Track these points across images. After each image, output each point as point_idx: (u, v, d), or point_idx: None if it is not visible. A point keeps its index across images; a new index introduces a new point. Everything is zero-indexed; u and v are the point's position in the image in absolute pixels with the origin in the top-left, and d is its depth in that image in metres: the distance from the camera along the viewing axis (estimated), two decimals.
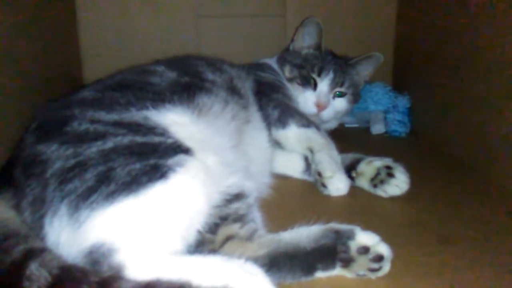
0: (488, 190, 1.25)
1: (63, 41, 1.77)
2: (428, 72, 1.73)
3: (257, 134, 1.27)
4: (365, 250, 0.83)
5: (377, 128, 1.82)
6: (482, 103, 1.34)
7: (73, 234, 0.75)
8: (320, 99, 1.53)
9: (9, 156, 0.95)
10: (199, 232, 0.83)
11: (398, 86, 1.96)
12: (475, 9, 1.36)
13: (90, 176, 0.77)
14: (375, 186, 1.21)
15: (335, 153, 1.28)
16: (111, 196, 0.75)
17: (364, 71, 1.68)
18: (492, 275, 0.86)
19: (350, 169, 1.27)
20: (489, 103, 1.30)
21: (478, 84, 1.36)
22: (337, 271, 0.84)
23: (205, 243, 0.84)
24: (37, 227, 0.79)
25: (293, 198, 1.26)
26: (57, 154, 0.80)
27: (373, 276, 0.84)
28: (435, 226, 1.05)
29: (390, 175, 1.19)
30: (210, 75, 1.19)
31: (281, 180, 1.31)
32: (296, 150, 1.34)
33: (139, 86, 1.01)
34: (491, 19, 1.28)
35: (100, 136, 0.82)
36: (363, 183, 1.24)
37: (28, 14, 1.40)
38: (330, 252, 0.84)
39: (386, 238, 0.86)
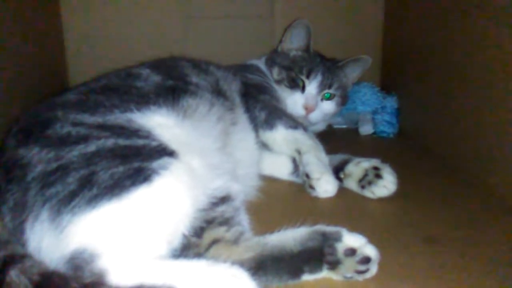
0: (475, 190, 1.25)
1: (48, 43, 1.75)
2: (416, 72, 1.74)
3: (244, 136, 1.26)
4: (352, 252, 0.82)
5: (365, 129, 1.82)
6: (469, 103, 1.34)
7: (55, 239, 0.74)
8: (309, 101, 1.52)
9: None
10: (184, 235, 0.82)
11: (387, 87, 1.96)
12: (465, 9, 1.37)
13: (72, 180, 0.76)
14: (363, 187, 1.21)
15: (323, 154, 1.28)
16: (94, 200, 0.74)
17: (352, 73, 1.68)
18: (479, 275, 0.85)
19: (338, 170, 1.27)
20: (477, 103, 1.30)
21: (466, 85, 1.36)
22: (324, 274, 0.84)
23: (191, 246, 0.83)
24: (18, 233, 0.77)
25: (280, 200, 1.25)
26: (38, 158, 0.79)
27: (360, 278, 0.83)
28: (422, 227, 1.05)
29: (378, 176, 1.19)
30: (194, 78, 1.18)
31: (269, 182, 1.30)
32: (283, 152, 1.33)
33: (124, 89, 1.01)
34: (482, 20, 1.29)
35: (83, 139, 0.81)
36: (351, 184, 1.24)
37: (12, 19, 1.38)
38: (317, 255, 0.83)
39: (373, 239, 0.85)
